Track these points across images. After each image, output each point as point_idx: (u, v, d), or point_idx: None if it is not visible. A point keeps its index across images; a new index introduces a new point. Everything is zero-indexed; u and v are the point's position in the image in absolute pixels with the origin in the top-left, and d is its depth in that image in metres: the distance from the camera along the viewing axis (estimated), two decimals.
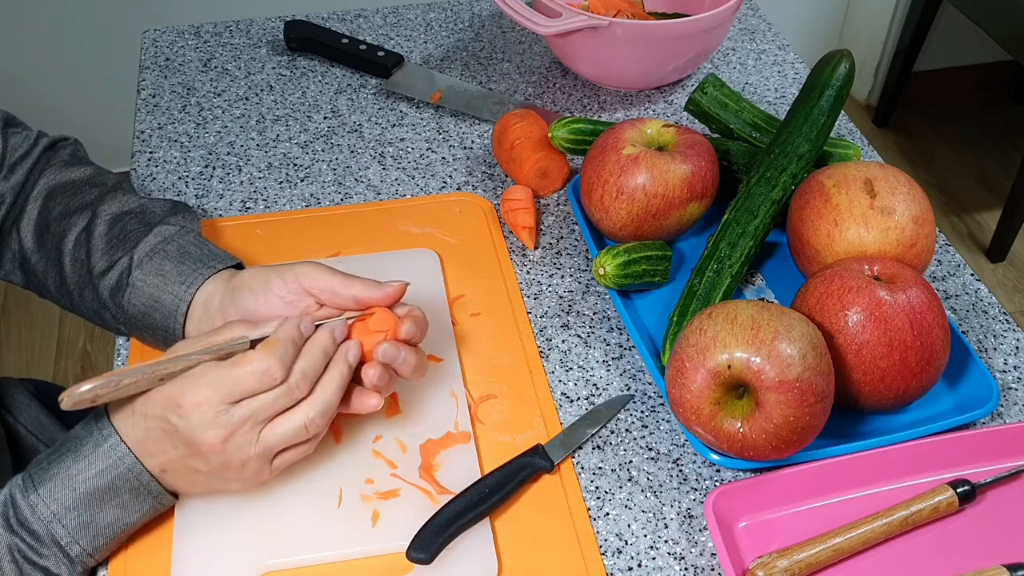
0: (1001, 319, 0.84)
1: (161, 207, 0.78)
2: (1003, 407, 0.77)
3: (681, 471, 0.72)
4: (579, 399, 0.77)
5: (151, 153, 0.99)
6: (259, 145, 1.01)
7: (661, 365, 0.77)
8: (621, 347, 0.81)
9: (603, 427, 0.75)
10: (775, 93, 1.10)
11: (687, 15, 1.04)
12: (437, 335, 0.80)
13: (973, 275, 0.88)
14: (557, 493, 0.70)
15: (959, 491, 0.68)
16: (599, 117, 1.06)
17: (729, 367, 0.65)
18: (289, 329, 0.63)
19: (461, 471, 0.70)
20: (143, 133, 1.02)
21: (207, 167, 0.98)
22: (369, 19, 1.20)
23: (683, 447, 0.74)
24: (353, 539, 0.66)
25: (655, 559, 0.67)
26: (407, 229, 0.90)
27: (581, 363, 0.80)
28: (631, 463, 0.73)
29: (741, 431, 0.66)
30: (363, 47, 1.09)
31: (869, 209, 0.75)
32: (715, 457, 0.70)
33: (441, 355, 0.78)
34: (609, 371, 0.79)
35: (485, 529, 0.67)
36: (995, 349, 0.82)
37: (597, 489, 0.71)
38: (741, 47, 1.17)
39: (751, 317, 0.66)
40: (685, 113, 1.02)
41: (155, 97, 1.07)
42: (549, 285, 0.86)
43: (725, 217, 0.82)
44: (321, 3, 1.46)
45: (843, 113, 1.00)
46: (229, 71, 1.11)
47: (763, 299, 0.84)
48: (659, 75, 1.07)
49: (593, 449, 0.74)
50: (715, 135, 0.95)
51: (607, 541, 0.68)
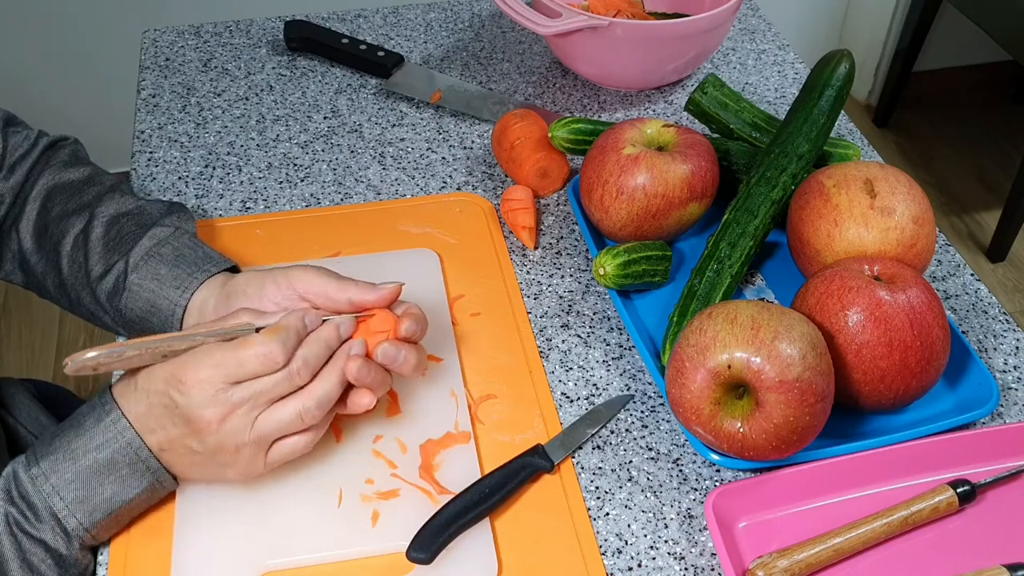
0: (1001, 319, 0.84)
1: (157, 208, 0.78)
2: (1003, 407, 0.77)
3: (681, 471, 0.72)
4: (579, 399, 0.77)
5: (151, 153, 0.99)
6: (259, 145, 1.01)
7: (661, 365, 0.77)
8: (621, 347, 0.81)
9: (603, 427, 0.75)
10: (775, 93, 1.10)
11: (687, 15, 1.04)
12: (437, 335, 0.80)
13: (973, 275, 0.88)
14: (557, 493, 0.70)
15: (959, 491, 0.68)
16: (599, 117, 1.06)
17: (729, 367, 0.65)
18: (294, 318, 0.64)
19: (461, 471, 0.70)
20: (143, 133, 1.02)
21: (207, 167, 0.98)
22: (369, 19, 1.20)
23: (683, 447, 0.74)
24: (353, 539, 0.66)
25: (655, 559, 0.67)
26: (407, 229, 0.90)
27: (581, 363, 0.80)
28: (631, 463, 0.73)
29: (741, 431, 0.66)
30: (363, 47, 1.09)
31: (869, 209, 0.75)
32: (715, 457, 0.70)
33: (441, 355, 0.78)
34: (609, 371, 0.79)
35: (485, 529, 0.67)
36: (995, 349, 0.82)
37: (597, 489, 0.71)
38: (741, 47, 1.17)
39: (751, 317, 0.66)
40: (685, 113, 1.02)
41: (155, 97, 1.07)
42: (549, 285, 0.86)
43: (725, 217, 0.82)
44: (321, 3, 1.46)
45: (843, 113, 1.00)
46: (229, 71, 1.11)
47: (763, 299, 0.84)
48: (659, 75, 1.07)
49: (593, 449, 0.74)
50: (715, 135, 0.95)
51: (607, 541, 0.68)
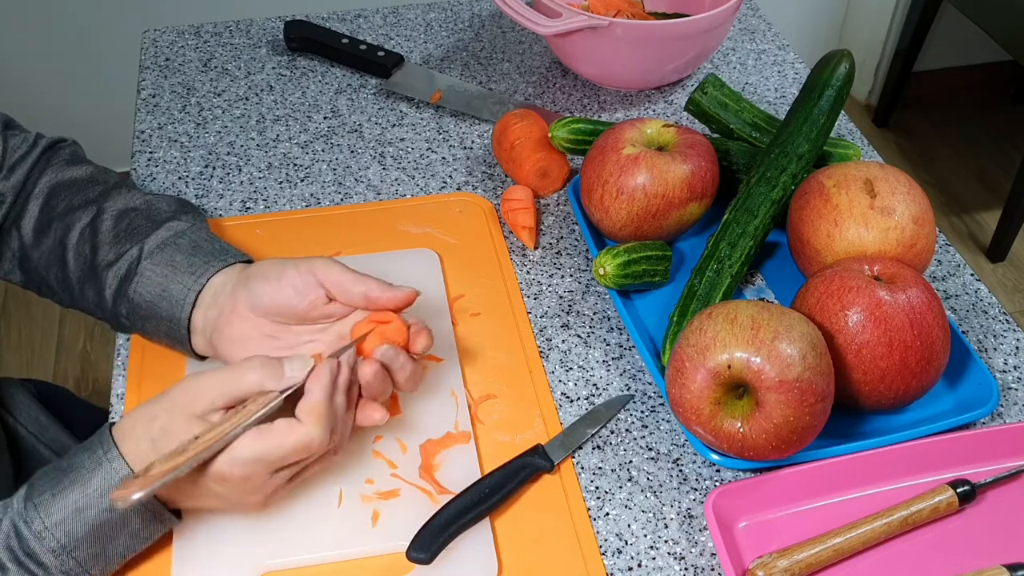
0: (1001, 319, 0.84)
1: (167, 204, 0.78)
2: (1003, 407, 0.77)
3: (681, 471, 0.72)
4: (579, 399, 0.77)
5: (151, 153, 0.99)
6: (259, 145, 1.01)
7: (661, 365, 0.77)
8: (621, 347, 0.81)
9: (603, 427, 0.75)
10: (775, 93, 1.10)
11: (687, 15, 1.04)
12: (437, 335, 0.79)
13: (973, 275, 0.88)
14: (557, 493, 0.70)
15: (959, 491, 0.68)
16: (599, 117, 1.06)
17: (729, 367, 0.65)
18: (327, 387, 0.61)
19: (461, 471, 0.70)
20: (143, 133, 1.02)
21: (207, 167, 0.98)
22: (369, 19, 1.20)
23: (683, 447, 0.74)
24: (353, 539, 0.66)
25: (655, 559, 0.67)
26: (407, 229, 0.90)
27: (581, 363, 0.80)
28: (631, 463, 0.73)
29: (741, 431, 0.66)
30: (363, 47, 1.09)
31: (869, 209, 0.75)
32: (715, 457, 0.70)
33: (441, 355, 0.78)
34: (609, 371, 0.79)
35: (485, 529, 0.67)
36: (995, 349, 0.82)
37: (597, 489, 0.71)
38: (741, 47, 1.17)
39: (751, 317, 0.66)
40: (685, 113, 1.02)
41: (155, 97, 1.07)
42: (549, 285, 0.86)
43: (725, 217, 0.82)
44: (321, 3, 1.46)
45: (843, 113, 1.00)
46: (229, 71, 1.11)
47: (763, 299, 0.84)
48: (659, 75, 1.07)
49: (593, 449, 0.74)
50: (715, 135, 0.95)
51: (607, 541, 0.68)
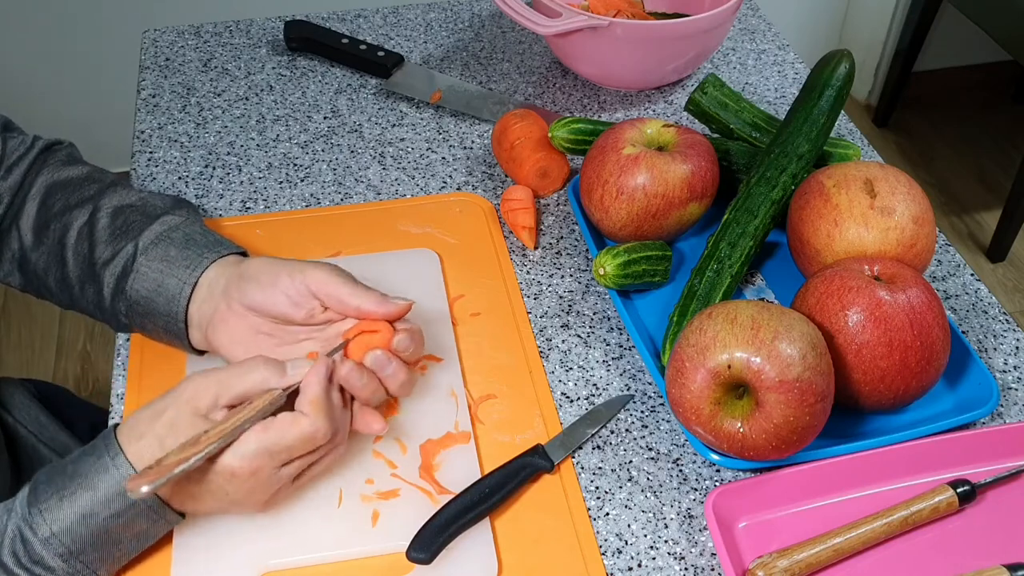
0: (1001, 319, 0.84)
1: (162, 201, 0.78)
2: (1003, 407, 0.77)
3: (681, 471, 0.72)
4: (579, 399, 0.77)
5: (151, 153, 0.99)
6: (259, 145, 1.01)
7: (661, 365, 0.77)
8: (621, 347, 0.81)
9: (603, 427, 0.75)
10: (775, 93, 1.10)
11: (687, 15, 1.04)
12: (437, 335, 0.80)
13: (973, 275, 0.88)
14: (557, 493, 0.70)
15: (959, 491, 0.68)
16: (599, 117, 1.06)
17: (729, 367, 0.65)
18: (324, 381, 0.62)
19: (461, 471, 0.70)
20: (143, 133, 1.02)
21: (207, 167, 0.98)
22: (369, 19, 1.20)
23: (683, 447, 0.74)
24: (353, 539, 0.66)
25: (655, 559, 0.67)
26: (407, 229, 0.90)
27: (581, 363, 0.80)
28: (631, 463, 0.73)
29: (741, 431, 0.66)
30: (363, 47, 1.09)
31: (869, 209, 0.75)
32: (715, 457, 0.70)
33: (441, 355, 0.78)
34: (609, 371, 0.79)
35: (485, 529, 0.67)
36: (995, 349, 0.82)
37: (597, 489, 0.71)
38: (741, 47, 1.17)
39: (751, 317, 0.66)
40: (685, 113, 1.02)
41: (155, 97, 1.07)
42: (549, 285, 0.86)
43: (725, 217, 0.82)
44: (321, 3, 1.46)
45: (843, 113, 1.00)
46: (229, 71, 1.11)
47: (763, 299, 0.84)
48: (659, 75, 1.07)
49: (593, 449, 0.74)
50: (715, 135, 0.95)
51: (607, 541, 0.68)
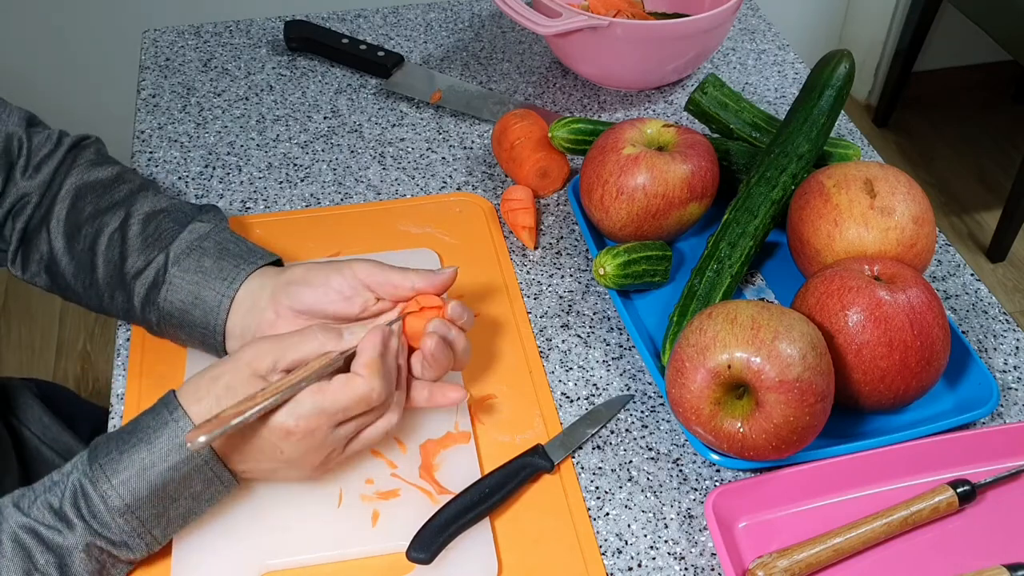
0: (1001, 319, 0.84)
1: (190, 206, 0.78)
2: (1003, 407, 0.77)
3: (681, 471, 0.72)
4: (579, 399, 0.77)
5: (151, 153, 1.00)
6: (259, 145, 1.01)
7: (661, 365, 0.77)
8: (621, 347, 0.81)
9: (603, 427, 0.75)
10: (775, 93, 1.10)
11: (687, 15, 1.04)
12: None
13: (973, 275, 0.88)
14: (557, 493, 0.70)
15: (959, 491, 0.68)
16: (599, 117, 1.06)
17: (729, 367, 0.65)
18: (374, 343, 0.63)
19: (461, 471, 0.70)
20: (143, 133, 1.02)
21: (207, 167, 0.98)
22: (369, 19, 1.20)
23: (683, 447, 0.74)
24: (353, 539, 0.66)
25: (655, 559, 0.67)
26: (407, 229, 0.90)
27: (581, 363, 0.80)
28: (631, 463, 0.73)
29: (741, 431, 0.66)
30: (363, 47, 1.09)
31: (869, 209, 0.75)
32: (715, 457, 0.70)
33: None
34: (609, 371, 0.79)
35: (485, 529, 0.67)
36: (995, 349, 0.82)
37: (597, 489, 0.71)
38: (741, 47, 1.17)
39: (751, 317, 0.66)
40: (685, 113, 1.02)
41: (155, 97, 1.07)
42: (549, 285, 0.86)
43: (725, 217, 0.82)
44: (321, 3, 1.46)
45: (843, 113, 1.00)
46: (229, 71, 1.11)
47: (763, 299, 0.84)
48: (659, 75, 1.07)
49: (593, 449, 0.74)
50: (715, 135, 0.95)
51: (607, 541, 0.68)
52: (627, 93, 1.09)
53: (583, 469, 0.72)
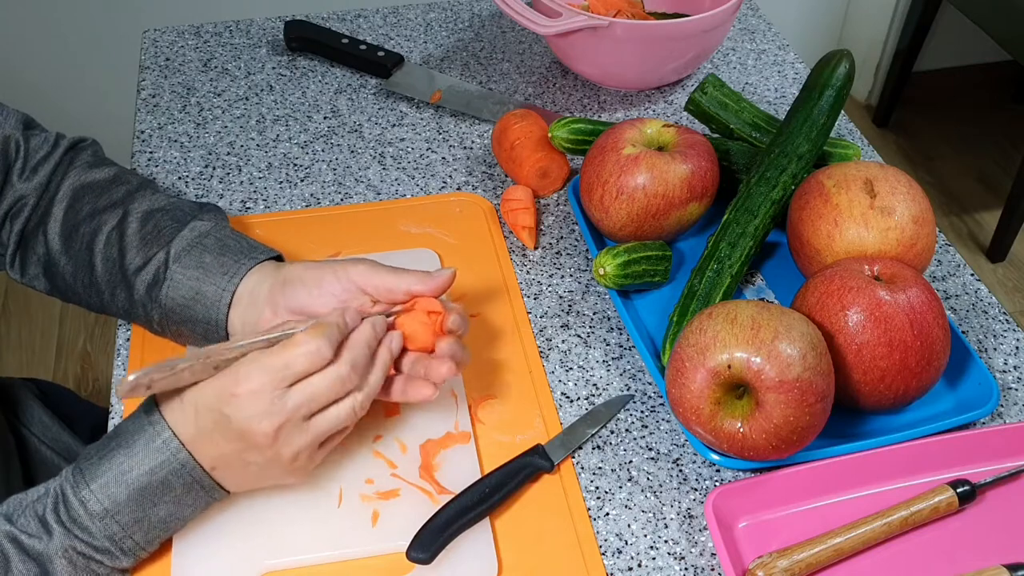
0: (1001, 319, 0.84)
1: (190, 205, 0.78)
2: (1003, 407, 0.77)
3: (681, 471, 0.72)
4: (579, 399, 0.77)
5: (151, 153, 1.00)
6: (259, 145, 1.01)
7: (661, 365, 0.77)
8: (621, 347, 0.81)
9: (603, 427, 0.75)
10: (775, 93, 1.10)
11: (687, 15, 1.04)
12: None
13: (973, 275, 0.88)
14: (557, 493, 0.70)
15: (959, 491, 0.68)
16: (599, 117, 1.06)
17: (729, 367, 0.65)
18: (335, 315, 0.64)
19: (461, 471, 0.70)
20: (143, 133, 1.02)
21: (207, 167, 0.98)
22: (369, 19, 1.20)
23: (683, 447, 0.74)
24: (353, 539, 0.66)
25: (655, 559, 0.67)
26: (407, 229, 0.90)
27: (581, 363, 0.80)
28: (631, 463, 0.73)
29: (741, 431, 0.66)
30: (363, 47, 1.09)
31: (869, 209, 0.75)
32: (715, 457, 0.70)
33: None
34: (609, 371, 0.79)
35: (485, 529, 0.67)
36: (995, 349, 0.82)
37: (597, 489, 0.71)
38: (741, 47, 1.17)
39: (751, 317, 0.66)
40: (685, 113, 1.02)
41: (155, 97, 1.07)
42: (549, 285, 0.86)
43: (725, 217, 0.82)
44: (321, 3, 1.46)
45: (843, 113, 1.00)
46: (229, 71, 1.11)
47: (763, 299, 0.84)
48: (659, 75, 1.07)
49: (593, 449, 0.74)
50: (715, 135, 0.95)
51: (607, 541, 0.68)
52: (627, 93, 1.09)
53: (583, 469, 0.72)
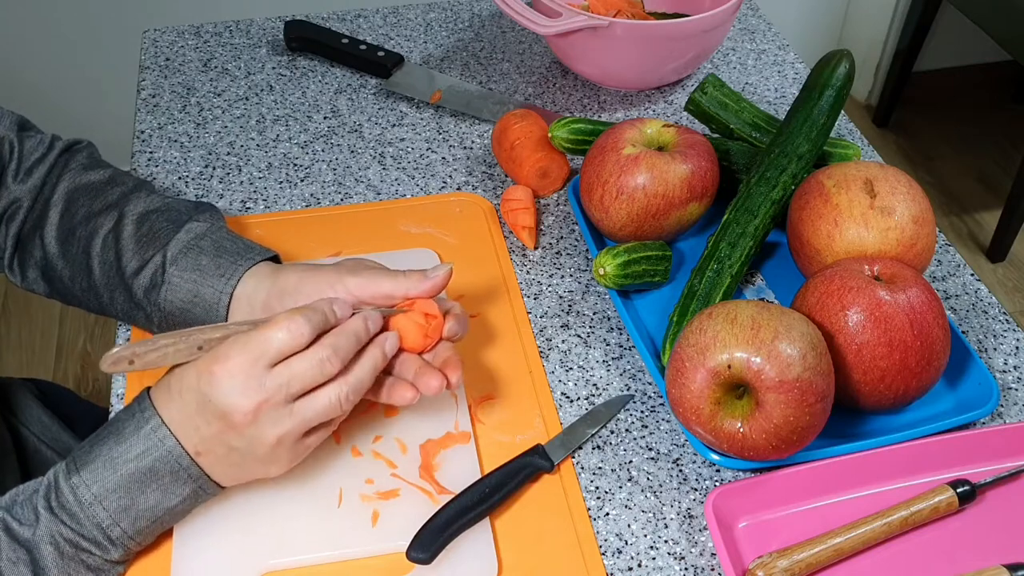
0: (1001, 319, 0.84)
1: (186, 206, 0.78)
2: (1003, 407, 0.77)
3: (681, 471, 0.72)
4: (579, 399, 0.77)
5: (151, 153, 1.00)
6: (259, 145, 1.01)
7: (661, 365, 0.77)
8: (621, 347, 0.81)
9: (603, 427, 0.75)
10: (775, 93, 1.10)
11: (687, 15, 1.04)
12: None
13: (973, 275, 0.88)
14: (557, 493, 0.70)
15: (959, 491, 0.68)
16: (599, 117, 1.06)
17: (729, 367, 0.65)
18: (322, 302, 0.64)
19: (461, 471, 0.70)
20: (143, 133, 1.02)
21: (207, 167, 0.98)
22: (369, 19, 1.20)
23: (683, 447, 0.74)
24: (353, 539, 0.66)
25: (655, 559, 0.67)
26: (407, 229, 0.90)
27: (581, 363, 0.80)
28: (631, 463, 0.73)
29: (741, 431, 0.66)
30: (363, 47, 1.09)
31: (869, 209, 0.75)
32: (715, 457, 0.70)
33: None
34: (609, 371, 0.79)
35: (485, 529, 0.67)
36: (995, 349, 0.82)
37: (597, 489, 0.71)
38: (741, 47, 1.17)
39: (751, 317, 0.66)
40: (685, 113, 1.02)
41: (155, 97, 1.07)
42: (549, 285, 0.86)
43: (725, 217, 0.82)
44: (321, 3, 1.46)
45: (843, 113, 1.00)
46: (229, 71, 1.11)
47: (763, 299, 0.84)
48: (659, 75, 1.07)
49: (593, 449, 0.74)
50: (715, 135, 0.95)
51: (607, 541, 0.68)
52: (627, 93, 1.09)
53: (583, 469, 0.72)
